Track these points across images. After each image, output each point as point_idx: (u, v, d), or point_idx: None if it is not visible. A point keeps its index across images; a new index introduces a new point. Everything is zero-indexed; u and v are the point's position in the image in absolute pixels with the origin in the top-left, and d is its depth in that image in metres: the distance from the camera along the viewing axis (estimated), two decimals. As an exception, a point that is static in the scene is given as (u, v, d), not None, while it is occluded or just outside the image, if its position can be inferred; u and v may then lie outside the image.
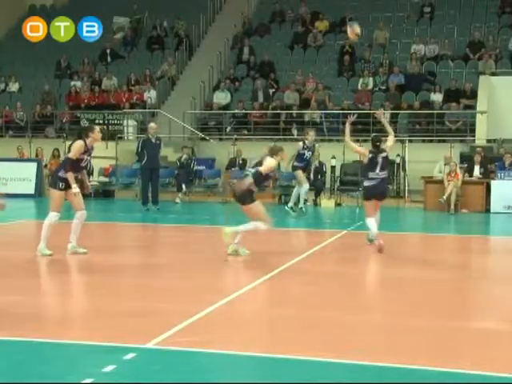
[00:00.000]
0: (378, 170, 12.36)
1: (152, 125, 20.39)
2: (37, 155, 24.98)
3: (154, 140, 19.45)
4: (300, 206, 18.27)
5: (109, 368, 5.79)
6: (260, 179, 11.64)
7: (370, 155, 12.44)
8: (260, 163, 11.75)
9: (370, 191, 12.51)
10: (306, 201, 18.55)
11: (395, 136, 15.46)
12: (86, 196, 23.23)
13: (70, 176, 11.14)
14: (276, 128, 25.33)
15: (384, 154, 12.44)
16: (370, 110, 24.95)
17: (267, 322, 7.53)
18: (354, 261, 11.83)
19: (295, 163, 18.27)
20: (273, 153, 11.90)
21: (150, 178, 19.58)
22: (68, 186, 11.23)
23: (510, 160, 20.38)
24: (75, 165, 11.26)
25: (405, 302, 8.99)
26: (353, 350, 6.55)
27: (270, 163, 11.65)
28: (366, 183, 12.57)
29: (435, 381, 5.82)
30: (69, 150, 11.59)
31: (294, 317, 7.69)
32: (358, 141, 23.25)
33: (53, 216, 11.36)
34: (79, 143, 11.29)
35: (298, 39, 28.92)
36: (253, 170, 11.72)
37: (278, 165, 23.79)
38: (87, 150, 11.39)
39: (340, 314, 7.93)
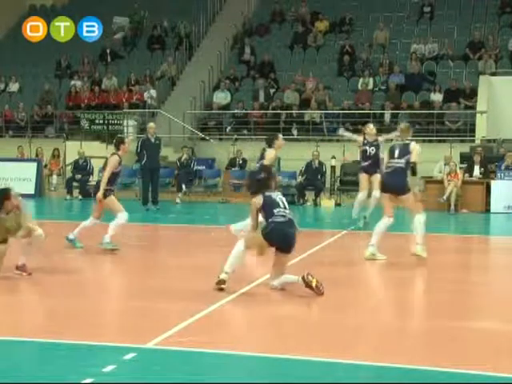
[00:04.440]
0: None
1: (151, 124, 20.39)
2: (37, 155, 24.98)
3: (153, 140, 19.44)
4: (363, 214, 15.59)
5: (109, 368, 5.79)
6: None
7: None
8: (262, 156, 12.09)
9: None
10: (363, 215, 15.64)
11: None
12: (86, 196, 23.39)
13: (103, 183, 11.91)
14: (276, 128, 25.30)
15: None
16: (370, 110, 24.97)
17: (267, 322, 7.53)
18: (354, 261, 11.82)
19: (361, 163, 15.76)
20: (269, 143, 12.20)
21: (150, 177, 19.57)
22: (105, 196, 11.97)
23: (510, 160, 20.38)
24: (111, 178, 12.00)
25: (404, 302, 8.99)
26: (353, 350, 6.55)
27: (269, 154, 12.07)
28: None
29: (435, 381, 5.82)
30: (105, 165, 12.36)
31: (294, 317, 7.69)
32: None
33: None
34: (115, 159, 11.98)
35: (298, 39, 28.90)
36: (258, 165, 12.13)
37: (278, 163, 23.86)
38: (120, 163, 12.14)
39: (340, 314, 7.93)
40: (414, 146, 11.41)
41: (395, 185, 11.22)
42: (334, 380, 5.73)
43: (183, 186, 22.32)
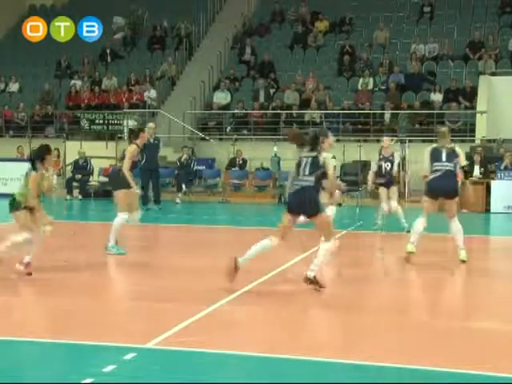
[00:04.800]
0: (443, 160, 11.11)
1: (150, 125, 20.36)
2: (37, 155, 24.96)
3: (152, 140, 19.40)
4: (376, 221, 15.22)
5: (109, 368, 5.79)
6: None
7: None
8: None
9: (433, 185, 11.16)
10: (377, 224, 15.12)
11: (396, 136, 15.53)
12: (86, 196, 23.39)
13: (129, 175, 11.59)
14: (276, 128, 25.33)
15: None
16: (370, 110, 24.97)
17: (267, 322, 7.53)
18: (354, 261, 11.82)
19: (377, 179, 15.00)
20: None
21: (150, 178, 19.56)
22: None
23: (510, 160, 20.37)
24: (131, 167, 11.83)
25: (405, 301, 8.99)
26: (353, 350, 6.55)
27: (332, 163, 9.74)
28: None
29: (435, 381, 5.82)
30: (123, 155, 12.18)
31: (294, 317, 7.69)
32: (358, 141, 23.34)
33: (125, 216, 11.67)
34: (134, 148, 11.87)
35: (298, 39, 28.91)
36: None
37: (278, 163, 23.88)
38: (139, 152, 12.14)
39: (340, 314, 7.93)
40: (459, 149, 11.35)
41: (449, 188, 11.04)
42: (334, 380, 5.73)
43: (183, 186, 22.33)
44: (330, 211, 11.05)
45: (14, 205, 10.09)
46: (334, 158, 10.54)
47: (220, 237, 15.69)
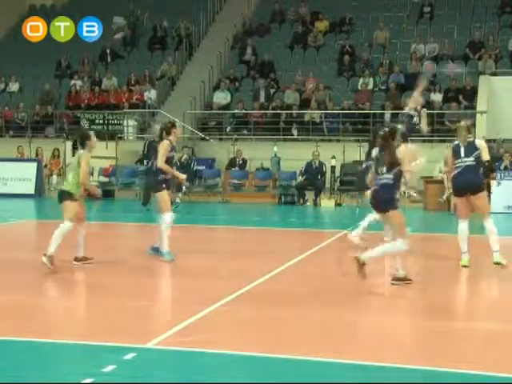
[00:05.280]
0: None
1: (158, 126, 20.36)
2: (37, 155, 24.99)
3: None
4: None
5: (109, 368, 5.79)
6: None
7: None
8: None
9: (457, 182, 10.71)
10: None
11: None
12: (86, 196, 23.34)
13: (169, 169, 11.03)
14: (276, 128, 25.33)
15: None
16: (370, 110, 24.98)
17: (267, 322, 7.53)
18: (354, 261, 11.80)
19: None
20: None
21: None
22: (167, 187, 11.19)
23: (509, 160, 20.35)
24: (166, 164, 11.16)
25: (405, 302, 8.99)
26: (353, 349, 6.55)
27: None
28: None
29: (435, 381, 5.82)
30: (156, 152, 11.39)
31: (294, 317, 7.69)
32: (358, 141, 23.34)
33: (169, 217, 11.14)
34: (166, 143, 11.11)
35: (298, 39, 28.92)
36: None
37: (278, 163, 23.91)
38: (173, 148, 11.31)
39: (340, 314, 7.93)
40: (481, 143, 10.87)
41: (470, 182, 10.56)
42: (333, 380, 5.73)
43: (183, 187, 22.30)
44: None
45: (66, 195, 10.35)
46: (333, 157, 10.51)
47: (220, 237, 15.69)
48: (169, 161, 11.10)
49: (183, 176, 11.44)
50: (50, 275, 9.91)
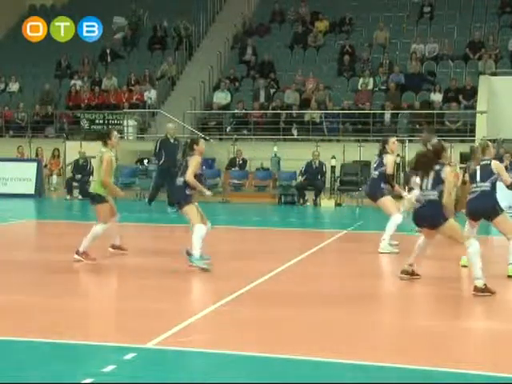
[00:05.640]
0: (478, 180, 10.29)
1: (170, 125, 20.45)
2: (37, 155, 24.99)
3: (172, 140, 19.46)
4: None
5: (109, 368, 5.79)
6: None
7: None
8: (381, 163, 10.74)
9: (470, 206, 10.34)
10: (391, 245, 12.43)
11: (395, 136, 15.25)
12: (86, 196, 23.33)
13: (196, 183, 10.71)
14: (276, 128, 25.33)
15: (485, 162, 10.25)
16: (370, 110, 24.98)
17: (267, 322, 7.53)
18: (354, 261, 11.82)
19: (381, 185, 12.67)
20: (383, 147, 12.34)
21: (166, 178, 19.39)
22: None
23: (509, 160, 20.35)
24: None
25: (405, 301, 9.00)
26: (353, 349, 6.55)
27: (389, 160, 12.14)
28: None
29: (435, 381, 5.82)
30: (186, 166, 10.90)
31: (294, 317, 7.69)
32: (358, 141, 23.34)
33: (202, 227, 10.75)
34: (197, 160, 10.76)
35: (298, 39, 28.92)
36: (377, 173, 11.95)
37: (278, 163, 23.90)
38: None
39: (340, 314, 7.93)
40: (497, 165, 10.33)
41: (483, 208, 10.24)
42: (334, 380, 5.73)
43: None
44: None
45: (96, 199, 10.58)
46: (333, 157, 10.49)
47: (220, 237, 15.68)
48: (197, 176, 10.84)
49: (209, 193, 11.20)
50: (50, 275, 9.91)
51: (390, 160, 12.37)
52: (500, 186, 10.73)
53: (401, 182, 22.30)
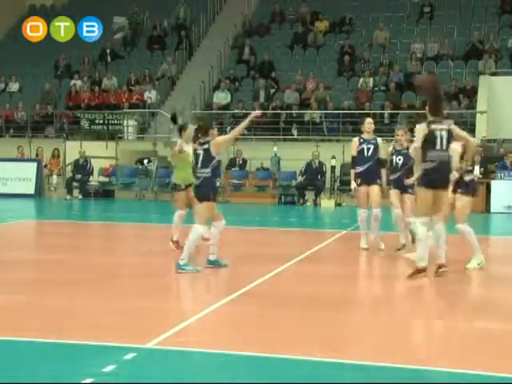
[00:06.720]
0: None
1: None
2: (37, 155, 25.00)
3: None
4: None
5: (109, 368, 5.78)
6: None
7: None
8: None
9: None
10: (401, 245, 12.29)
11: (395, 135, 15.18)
12: (86, 196, 23.38)
13: (239, 126, 11.20)
14: (276, 128, 25.33)
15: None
16: (370, 109, 24.97)
17: (267, 322, 7.52)
18: (354, 261, 11.83)
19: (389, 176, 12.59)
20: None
21: None
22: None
23: (510, 160, 20.36)
24: None
25: (405, 301, 9.00)
26: (353, 349, 6.55)
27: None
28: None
29: (435, 381, 5.82)
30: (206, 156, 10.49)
31: (294, 317, 7.68)
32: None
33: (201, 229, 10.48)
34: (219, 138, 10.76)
35: (298, 39, 28.92)
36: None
37: (278, 163, 23.88)
38: None
39: (340, 314, 7.93)
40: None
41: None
42: (334, 380, 5.73)
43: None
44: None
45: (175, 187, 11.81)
46: (333, 157, 10.45)
47: (220, 237, 15.66)
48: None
49: (255, 113, 11.49)
50: (50, 275, 9.91)
51: (380, 143, 12.60)
52: (498, 185, 10.68)
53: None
